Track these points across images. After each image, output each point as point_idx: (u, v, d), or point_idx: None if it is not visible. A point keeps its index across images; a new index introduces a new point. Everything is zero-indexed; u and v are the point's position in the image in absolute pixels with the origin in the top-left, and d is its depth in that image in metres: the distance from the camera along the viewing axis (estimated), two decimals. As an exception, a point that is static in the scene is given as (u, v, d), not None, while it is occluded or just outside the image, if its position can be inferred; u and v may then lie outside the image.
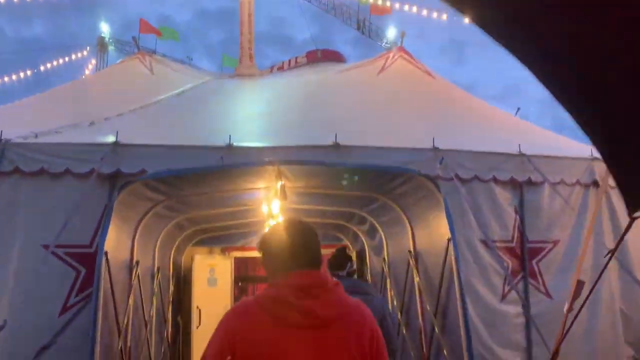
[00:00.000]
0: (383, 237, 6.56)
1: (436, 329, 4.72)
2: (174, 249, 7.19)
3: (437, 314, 4.75)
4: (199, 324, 7.43)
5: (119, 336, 4.43)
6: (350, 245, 8.51)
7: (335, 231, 8.45)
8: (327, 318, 1.78)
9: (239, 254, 8.61)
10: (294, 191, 5.40)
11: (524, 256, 9.30)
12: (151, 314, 5.73)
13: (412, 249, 5.47)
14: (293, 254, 1.88)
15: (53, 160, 7.76)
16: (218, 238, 8.38)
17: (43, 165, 7.68)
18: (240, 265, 16.68)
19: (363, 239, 7.61)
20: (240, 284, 16.55)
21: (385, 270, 6.51)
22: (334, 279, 2.05)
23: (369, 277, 7.49)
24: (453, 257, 4.29)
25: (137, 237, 5.19)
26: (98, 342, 3.81)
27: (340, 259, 3.96)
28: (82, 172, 5.38)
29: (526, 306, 9.01)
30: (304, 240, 1.91)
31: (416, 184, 4.70)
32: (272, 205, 5.47)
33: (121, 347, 4.48)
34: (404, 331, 5.80)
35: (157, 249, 6.16)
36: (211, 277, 7.80)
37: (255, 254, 6.76)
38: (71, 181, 7.39)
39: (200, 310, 7.47)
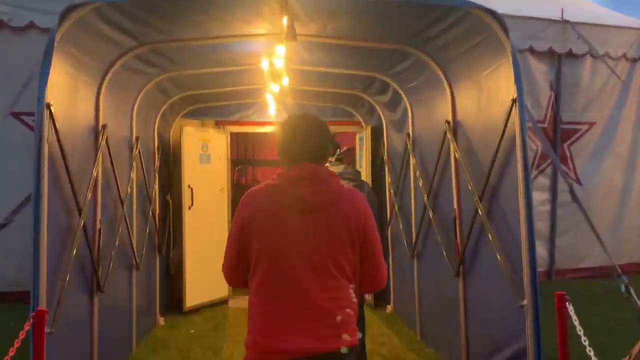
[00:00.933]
0: (409, 107, 5.42)
1: (480, 212, 3.75)
2: (158, 117, 6.09)
3: (483, 197, 3.75)
4: (191, 204, 6.55)
5: (80, 214, 3.47)
6: (362, 122, 7.42)
7: (347, 104, 7.31)
8: (317, 204, 2.03)
9: (236, 128, 7.53)
10: (303, 42, 4.17)
11: (556, 138, 8.30)
12: (128, 190, 4.76)
13: (450, 119, 4.36)
14: (294, 150, 2.10)
15: (15, 11, 6.51)
16: (211, 109, 7.26)
17: (3, 18, 6.44)
18: (239, 143, 15.67)
19: (381, 112, 6.48)
20: (238, 168, 15.75)
21: (408, 147, 5.46)
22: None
23: (385, 156, 6.48)
24: (518, 122, 3.19)
25: (103, 94, 4.06)
26: (44, 219, 2.83)
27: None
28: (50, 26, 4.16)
29: (554, 192, 8.20)
30: (305, 138, 2.10)
31: (468, 26, 3.47)
32: (274, 57, 4.27)
33: (84, 226, 3.53)
34: (431, 215, 4.87)
35: (134, 114, 5.05)
36: (204, 153, 6.78)
37: (256, 129, 5.72)
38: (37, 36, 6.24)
39: (192, 190, 6.55)
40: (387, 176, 6.42)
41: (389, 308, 6.40)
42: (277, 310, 1.99)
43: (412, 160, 5.39)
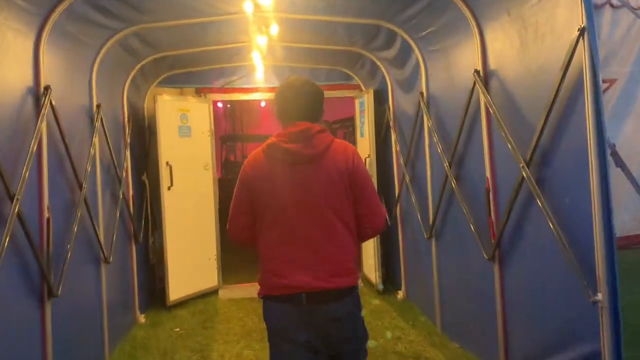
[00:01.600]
0: (421, 60, 4.58)
1: (528, 180, 2.95)
2: (128, 84, 5.21)
3: (531, 162, 2.95)
4: (171, 184, 5.73)
5: (14, 200, 2.65)
6: (362, 85, 6.58)
7: (344, 65, 6.45)
8: (310, 156, 2.20)
9: (220, 96, 6.67)
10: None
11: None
12: (88, 169, 3.92)
13: (480, 67, 3.53)
14: (289, 110, 2.28)
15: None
16: (191, 76, 6.39)
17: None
18: (227, 118, 14.66)
19: (385, 71, 5.65)
20: (227, 144, 14.82)
21: (422, 107, 4.64)
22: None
23: (391, 122, 5.67)
24: (587, 57, 2.38)
25: (44, 49, 3.18)
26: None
27: None
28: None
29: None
30: (300, 99, 2.28)
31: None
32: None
33: (19, 213, 2.70)
34: (454, 186, 4.08)
35: (93, 78, 4.18)
36: (183, 125, 5.93)
37: (242, 96, 4.68)
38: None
39: (171, 168, 5.71)
40: (394, 145, 5.62)
41: (400, 294, 5.66)
42: (283, 254, 2.20)
43: (427, 123, 4.58)
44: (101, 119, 4.29)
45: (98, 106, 4.24)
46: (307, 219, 2.17)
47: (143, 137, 6.00)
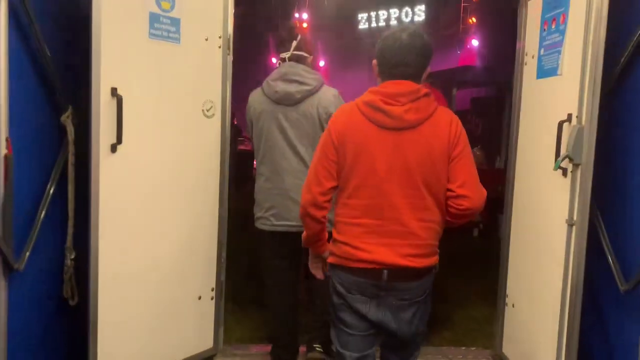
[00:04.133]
0: None
1: None
2: None
3: None
4: (118, 139, 2.56)
5: None
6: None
7: None
8: (411, 122, 1.96)
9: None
10: None
11: None
12: None
13: None
14: (393, 66, 2.01)
15: None
16: None
17: None
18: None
19: None
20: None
21: None
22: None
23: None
24: None
25: None
26: None
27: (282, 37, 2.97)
28: None
29: None
30: (407, 56, 1.99)
31: None
32: None
33: None
34: None
35: None
36: (162, 15, 2.74)
37: None
38: None
39: (120, 102, 2.54)
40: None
41: None
42: (363, 224, 2.01)
43: None
44: None
45: None
46: (397, 190, 1.97)
47: (73, 38, 2.81)
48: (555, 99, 2.72)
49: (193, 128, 2.97)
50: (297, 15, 10.76)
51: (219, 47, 3.06)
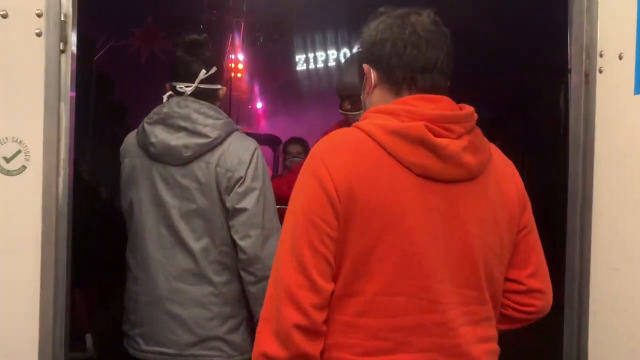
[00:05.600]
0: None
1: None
2: None
3: None
4: None
5: None
6: None
7: None
8: (472, 168, 1.11)
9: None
10: None
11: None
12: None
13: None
14: (412, 69, 1.14)
15: None
16: None
17: None
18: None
19: None
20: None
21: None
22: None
23: None
24: None
25: None
26: None
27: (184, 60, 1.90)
28: None
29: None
30: (433, 53, 1.13)
31: None
32: None
33: None
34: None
35: None
36: None
37: None
38: None
39: None
40: None
41: None
42: (394, 339, 1.09)
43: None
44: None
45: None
46: (451, 295, 1.10)
47: None
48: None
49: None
50: (232, 56, 10.21)
51: (37, 33, 1.54)
